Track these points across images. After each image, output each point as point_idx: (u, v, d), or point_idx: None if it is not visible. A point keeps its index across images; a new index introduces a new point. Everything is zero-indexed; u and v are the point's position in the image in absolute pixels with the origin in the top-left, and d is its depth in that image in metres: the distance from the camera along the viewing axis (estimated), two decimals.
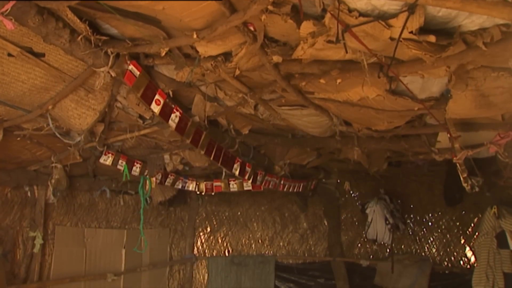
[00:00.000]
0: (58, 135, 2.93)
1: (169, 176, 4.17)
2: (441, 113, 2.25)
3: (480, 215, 4.52)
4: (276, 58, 1.98)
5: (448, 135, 2.38)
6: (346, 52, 1.70)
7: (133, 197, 5.06)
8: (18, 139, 3.06)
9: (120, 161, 3.67)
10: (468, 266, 5.04)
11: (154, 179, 3.94)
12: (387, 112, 2.45)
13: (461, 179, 2.75)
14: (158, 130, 3.21)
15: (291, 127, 3.35)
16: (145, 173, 3.94)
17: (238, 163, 3.62)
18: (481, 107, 2.04)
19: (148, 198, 4.75)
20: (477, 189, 3.03)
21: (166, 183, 4.18)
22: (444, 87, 2.08)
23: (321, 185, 5.46)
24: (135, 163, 3.84)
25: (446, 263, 5.21)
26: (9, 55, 2.08)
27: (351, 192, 5.63)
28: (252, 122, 3.30)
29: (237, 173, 3.64)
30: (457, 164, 2.58)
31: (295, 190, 4.76)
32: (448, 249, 5.22)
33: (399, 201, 5.18)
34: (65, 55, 2.23)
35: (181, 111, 2.74)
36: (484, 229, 3.53)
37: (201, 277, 5.87)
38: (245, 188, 4.44)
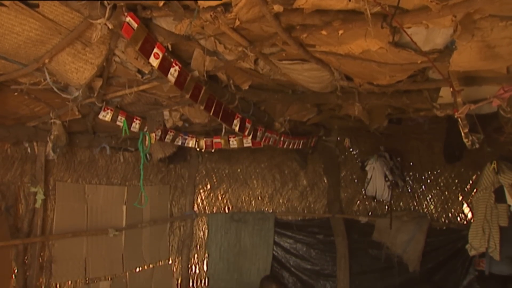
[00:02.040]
0: (56, 90, 2.89)
1: (169, 132, 4.16)
2: (445, 66, 2.21)
3: (478, 173, 4.54)
4: (277, 8, 1.93)
5: (451, 89, 2.35)
6: (349, 0, 1.65)
7: (133, 154, 5.07)
8: (16, 94, 3.02)
9: (119, 117, 3.65)
10: (465, 222, 5.12)
11: (153, 135, 3.92)
12: (389, 65, 2.40)
13: (462, 134, 2.74)
14: (157, 85, 3.17)
15: (292, 82, 3.31)
16: (145, 129, 3.93)
17: (238, 119, 3.60)
18: (486, 59, 2.00)
19: (148, 155, 4.76)
20: (477, 145, 3.02)
21: (166, 140, 4.17)
22: (448, 39, 2.03)
23: (321, 142, 5.46)
24: (135, 119, 3.82)
25: (443, 220, 5.28)
26: (1, 4, 2.02)
27: (351, 149, 5.63)
28: (252, 77, 3.26)
29: (236, 129, 3.63)
30: (459, 119, 2.56)
31: (295, 147, 4.76)
32: (446, 206, 5.28)
33: (398, 158, 5.19)
34: (60, 6, 2.16)
35: (180, 65, 2.70)
36: (483, 184, 3.55)
37: (201, 233, 5.97)
38: (245, 145, 4.44)
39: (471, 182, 5.13)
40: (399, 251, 5.17)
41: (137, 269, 5.23)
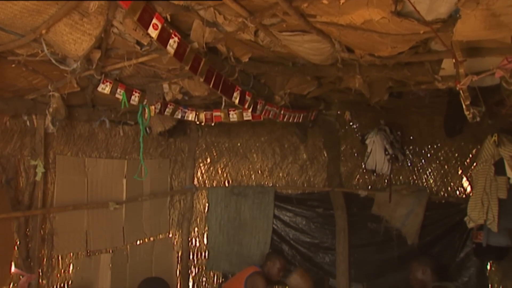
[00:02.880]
0: (54, 61, 2.86)
1: (169, 105, 4.14)
2: (448, 36, 2.17)
3: (479, 147, 4.53)
4: None
5: (453, 60, 2.32)
6: None
7: (133, 128, 5.07)
8: (13, 65, 2.99)
9: (118, 89, 3.62)
10: (464, 196, 5.13)
11: (153, 107, 3.90)
12: (391, 36, 2.37)
13: (463, 107, 2.72)
14: (156, 57, 3.14)
15: (292, 55, 3.27)
16: (144, 102, 3.91)
17: (238, 91, 3.58)
18: (490, 28, 1.96)
19: (147, 129, 4.76)
20: (478, 119, 3.00)
21: (165, 113, 4.16)
22: (452, 8, 1.99)
23: (321, 116, 5.44)
24: (134, 92, 3.79)
25: (442, 193, 5.30)
26: None
27: (351, 123, 5.62)
28: (252, 49, 3.22)
29: (236, 101, 3.61)
30: (460, 92, 2.54)
31: (295, 120, 4.75)
32: (445, 180, 5.29)
33: (398, 132, 5.17)
34: None
35: (179, 37, 2.67)
36: (483, 157, 3.54)
37: (201, 207, 6.01)
38: (244, 118, 4.42)
39: (470, 156, 5.13)
40: (398, 224, 5.21)
41: (138, 242, 5.28)
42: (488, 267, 5.03)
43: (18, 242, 3.90)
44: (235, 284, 4.84)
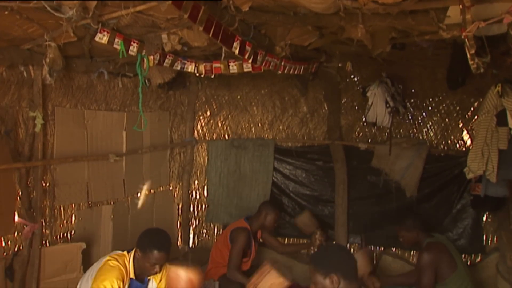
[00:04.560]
0: (48, 8, 2.78)
1: (168, 56, 4.07)
2: None
3: (481, 99, 4.48)
4: None
5: (460, 6, 2.25)
6: None
7: (132, 80, 5.01)
8: (6, 13, 2.91)
9: (116, 39, 3.54)
10: (464, 149, 5.15)
11: (151, 57, 3.84)
12: None
13: (468, 56, 2.67)
14: (154, 6, 3.05)
15: (294, 3, 3.18)
16: (143, 53, 3.84)
17: (238, 41, 3.50)
18: None
19: (146, 81, 4.71)
20: (482, 70, 2.96)
21: (164, 64, 4.08)
22: None
23: (322, 68, 5.35)
24: (132, 42, 3.72)
25: (442, 146, 5.30)
26: None
27: (352, 75, 5.55)
28: None
29: (236, 51, 3.53)
30: (466, 40, 2.48)
31: (295, 72, 4.67)
32: (445, 133, 5.29)
33: (400, 85, 5.12)
34: None
35: None
36: (485, 107, 3.51)
37: (201, 160, 6.03)
38: (245, 70, 4.35)
39: (472, 109, 5.10)
40: (397, 177, 5.24)
41: (139, 194, 5.33)
42: (484, 218, 5.10)
43: (20, 193, 3.94)
44: (221, 237, 4.93)
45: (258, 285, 2.62)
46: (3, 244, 3.88)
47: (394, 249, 5.49)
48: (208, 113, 6.00)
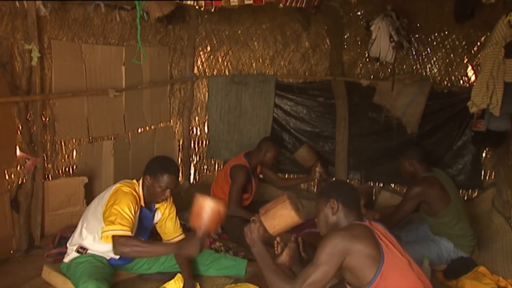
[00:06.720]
0: None
1: None
2: None
3: (488, 33, 4.35)
4: None
5: None
6: None
7: (130, 13, 4.86)
8: None
9: None
10: (467, 85, 5.06)
11: None
12: None
13: None
14: None
15: None
16: None
17: None
18: None
19: (145, 14, 4.57)
20: (493, 0, 2.84)
21: None
22: None
23: (325, 2, 5.16)
24: None
25: (446, 83, 5.22)
26: None
27: (356, 9, 5.37)
28: None
29: None
30: None
31: (298, 5, 4.51)
32: (449, 69, 5.18)
33: (405, 20, 4.96)
34: None
35: None
36: (494, 38, 3.39)
37: (202, 96, 5.99)
38: (245, 2, 4.19)
39: (478, 44, 4.95)
40: (398, 113, 5.19)
41: (139, 130, 5.33)
42: (484, 154, 5.12)
43: (20, 127, 3.92)
44: (221, 173, 4.95)
45: (270, 211, 2.62)
46: (7, 177, 3.91)
47: (393, 185, 5.55)
48: (208, 48, 5.88)
